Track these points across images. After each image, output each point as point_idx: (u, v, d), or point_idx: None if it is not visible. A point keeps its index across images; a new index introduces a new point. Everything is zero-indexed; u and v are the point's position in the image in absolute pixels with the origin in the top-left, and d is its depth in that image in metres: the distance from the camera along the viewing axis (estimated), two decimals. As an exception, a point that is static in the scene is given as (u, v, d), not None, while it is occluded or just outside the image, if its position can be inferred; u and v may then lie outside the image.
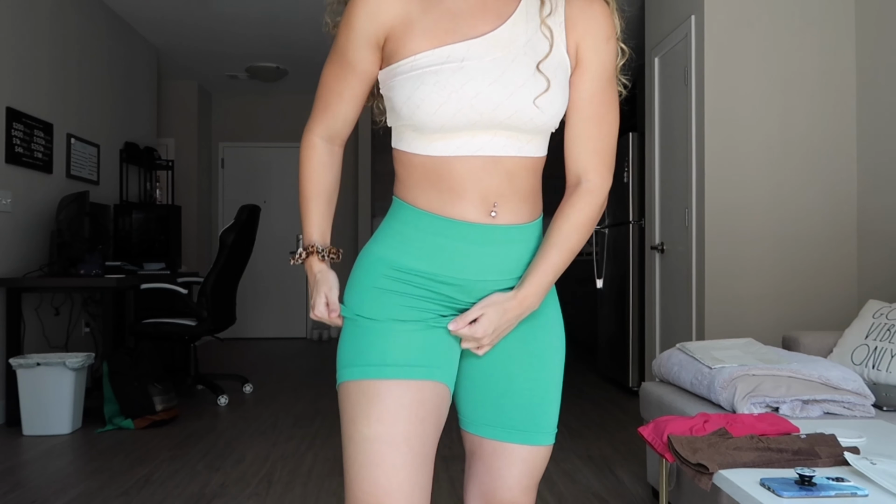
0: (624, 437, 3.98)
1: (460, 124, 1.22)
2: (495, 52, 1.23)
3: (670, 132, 4.52)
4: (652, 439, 1.98)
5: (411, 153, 1.28)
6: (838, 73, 3.98)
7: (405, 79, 1.23)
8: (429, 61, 1.22)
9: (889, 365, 2.57)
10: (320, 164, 1.37)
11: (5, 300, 4.36)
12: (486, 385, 1.34)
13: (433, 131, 1.23)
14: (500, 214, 1.26)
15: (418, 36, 1.23)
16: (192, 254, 7.87)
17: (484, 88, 1.21)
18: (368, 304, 1.28)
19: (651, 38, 4.89)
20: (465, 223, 1.25)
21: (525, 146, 1.27)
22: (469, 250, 1.26)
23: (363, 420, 1.21)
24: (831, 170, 3.98)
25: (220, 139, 8.72)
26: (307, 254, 1.36)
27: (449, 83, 1.20)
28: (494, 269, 1.28)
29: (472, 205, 1.25)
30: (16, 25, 4.56)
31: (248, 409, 4.83)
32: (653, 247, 4.74)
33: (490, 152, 1.24)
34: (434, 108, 1.21)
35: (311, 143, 1.37)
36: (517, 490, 1.33)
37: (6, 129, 4.40)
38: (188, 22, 6.19)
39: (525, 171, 1.28)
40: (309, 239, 1.38)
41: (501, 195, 1.26)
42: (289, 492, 3.08)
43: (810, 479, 1.46)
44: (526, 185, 1.29)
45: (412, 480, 1.20)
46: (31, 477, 3.31)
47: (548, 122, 1.27)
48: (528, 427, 1.33)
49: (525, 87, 1.23)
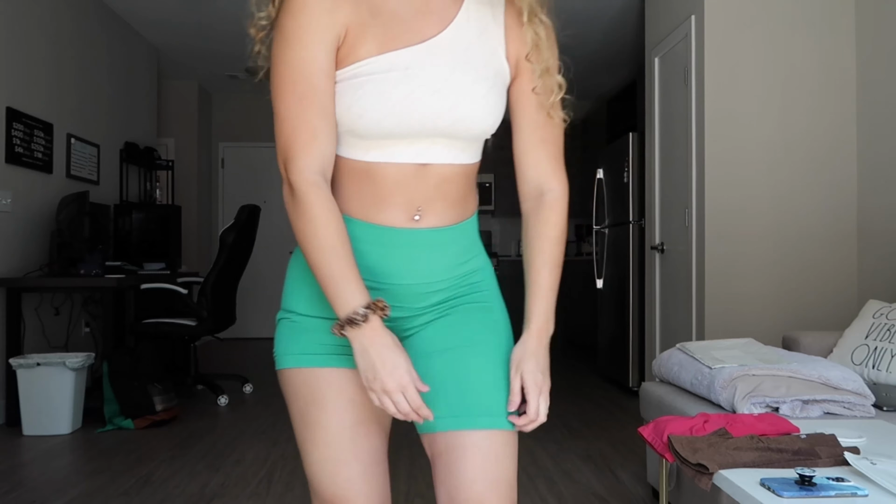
0: (624, 437, 3.98)
1: (401, 133, 1.19)
2: (437, 59, 1.21)
3: (670, 132, 4.52)
4: (652, 439, 1.98)
5: (347, 158, 1.23)
6: (838, 73, 3.98)
7: (347, 86, 1.19)
8: (371, 69, 1.18)
9: (889, 365, 2.57)
10: (332, 205, 1.16)
11: (5, 300, 4.36)
12: (426, 378, 1.23)
13: (372, 139, 1.20)
14: (423, 218, 1.24)
15: (367, 40, 1.19)
16: (192, 254, 7.87)
17: (426, 98, 1.18)
18: (303, 303, 1.28)
19: (651, 38, 4.89)
20: (387, 228, 1.23)
21: (460, 154, 1.25)
22: (391, 254, 1.24)
23: (309, 437, 1.28)
24: (831, 170, 3.98)
25: (220, 139, 8.72)
26: (372, 312, 1.14)
27: (392, 95, 1.17)
28: (418, 272, 1.26)
29: (396, 210, 1.23)
30: (16, 25, 4.56)
31: (248, 409, 4.83)
32: (653, 247, 4.74)
33: (425, 160, 1.22)
34: (376, 119, 1.17)
35: (310, 182, 1.15)
36: (481, 485, 1.21)
37: (6, 129, 4.40)
38: (188, 22, 6.19)
39: (457, 176, 1.26)
40: (358, 293, 1.15)
41: (427, 200, 1.24)
42: (289, 492, 3.08)
43: (810, 479, 1.46)
44: (456, 189, 1.27)
45: (366, 476, 1.27)
46: (31, 477, 3.31)
47: (487, 130, 1.26)
48: (472, 411, 1.23)
49: (466, 95, 1.21)
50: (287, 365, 1.28)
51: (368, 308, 1.14)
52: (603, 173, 5.96)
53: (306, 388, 1.26)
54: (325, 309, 1.23)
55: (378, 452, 1.29)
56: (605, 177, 5.93)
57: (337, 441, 1.25)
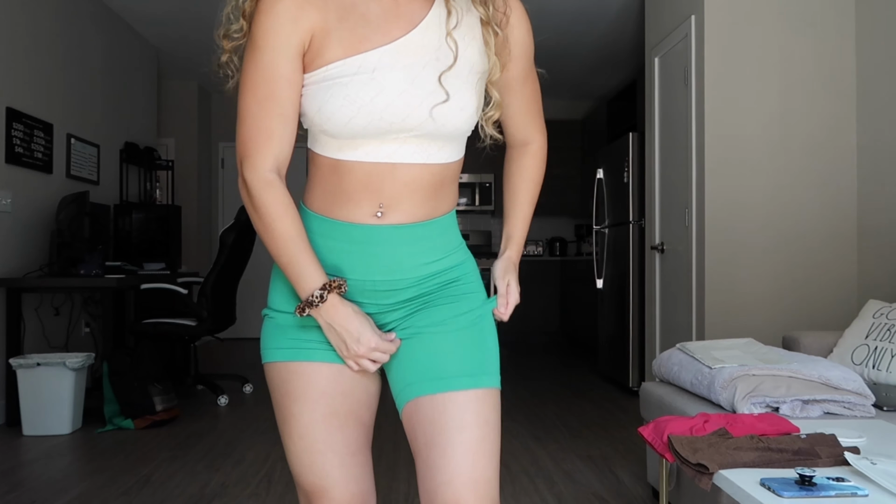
0: (624, 437, 3.98)
1: (370, 134, 1.21)
2: (406, 59, 1.22)
3: (670, 132, 4.52)
4: (652, 439, 1.98)
5: (320, 155, 1.27)
6: (838, 73, 3.99)
7: (316, 89, 1.21)
8: (339, 72, 1.20)
9: (889, 365, 2.57)
10: (287, 200, 1.23)
11: (5, 300, 4.36)
12: (398, 356, 1.30)
13: (343, 138, 1.23)
14: (386, 215, 1.25)
15: (333, 44, 1.21)
16: (192, 254, 7.87)
17: (394, 99, 1.20)
18: (279, 299, 1.32)
19: (651, 38, 4.89)
20: (349, 224, 1.26)
21: (436, 153, 1.26)
22: (353, 250, 1.26)
23: (286, 429, 1.30)
24: (831, 170, 3.98)
25: (220, 139, 8.72)
26: (327, 293, 1.22)
27: (359, 97, 1.19)
28: (382, 268, 1.27)
29: (359, 206, 1.25)
30: (16, 25, 4.56)
31: (248, 409, 4.83)
32: (653, 247, 4.74)
33: (397, 160, 1.24)
34: (344, 121, 1.20)
35: (265, 180, 1.21)
36: (460, 486, 1.19)
37: (6, 129, 4.40)
38: (188, 22, 6.19)
39: (430, 176, 1.27)
40: (315, 277, 1.22)
41: (394, 198, 1.25)
42: (289, 492, 3.08)
43: (810, 479, 1.46)
44: (428, 188, 1.27)
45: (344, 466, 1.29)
46: (31, 477, 3.31)
47: (459, 128, 1.26)
48: (446, 373, 1.25)
49: (434, 94, 1.22)
50: (266, 359, 1.34)
51: (324, 288, 1.21)
52: (603, 173, 5.96)
53: (280, 380, 1.31)
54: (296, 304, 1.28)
55: (354, 444, 1.30)
56: (605, 177, 5.93)
57: (310, 432, 1.28)
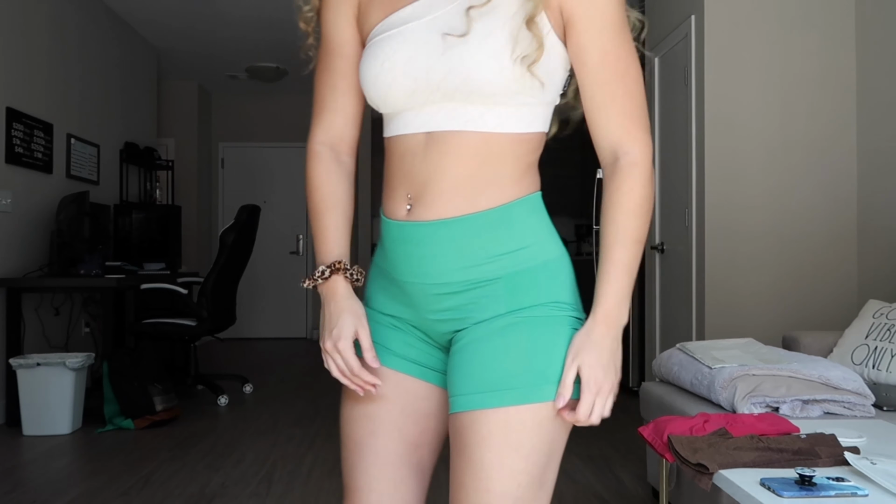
0: (624, 437, 3.98)
1: (399, 96, 1.07)
2: (439, 9, 1.06)
3: (670, 132, 4.52)
4: (652, 439, 1.98)
5: (385, 137, 1.14)
6: (838, 73, 3.98)
7: (363, 57, 1.13)
8: (376, 32, 1.11)
9: (889, 365, 2.57)
10: (327, 172, 1.18)
11: (5, 300, 4.36)
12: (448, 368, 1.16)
13: (383, 109, 1.11)
14: (414, 208, 1.09)
15: (375, 8, 1.13)
16: (192, 254, 7.87)
17: (418, 49, 1.05)
18: (372, 297, 1.23)
19: (651, 38, 4.89)
20: (388, 221, 1.14)
21: (477, 119, 1.05)
22: (394, 249, 1.13)
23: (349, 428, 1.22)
24: (831, 170, 3.97)
25: (220, 139, 8.72)
26: (331, 272, 1.14)
27: (382, 51, 1.07)
28: (417, 270, 1.11)
29: (394, 198, 1.12)
30: (16, 26, 4.56)
31: (248, 409, 4.83)
32: (653, 247, 4.74)
33: (431, 128, 1.06)
34: (371, 80, 1.09)
35: (313, 151, 1.20)
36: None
37: (6, 129, 4.40)
38: (188, 22, 6.19)
39: (469, 149, 1.05)
40: (329, 254, 1.15)
41: (425, 183, 1.07)
42: (289, 492, 3.08)
43: (810, 479, 1.46)
44: (466, 167, 1.06)
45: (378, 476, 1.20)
46: (31, 477, 3.31)
47: (492, 82, 1.02)
48: (484, 386, 1.07)
49: (464, 42, 1.02)
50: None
51: (330, 267, 1.14)
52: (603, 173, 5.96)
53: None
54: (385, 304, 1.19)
55: (392, 455, 1.20)
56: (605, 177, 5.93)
57: (351, 439, 1.21)
